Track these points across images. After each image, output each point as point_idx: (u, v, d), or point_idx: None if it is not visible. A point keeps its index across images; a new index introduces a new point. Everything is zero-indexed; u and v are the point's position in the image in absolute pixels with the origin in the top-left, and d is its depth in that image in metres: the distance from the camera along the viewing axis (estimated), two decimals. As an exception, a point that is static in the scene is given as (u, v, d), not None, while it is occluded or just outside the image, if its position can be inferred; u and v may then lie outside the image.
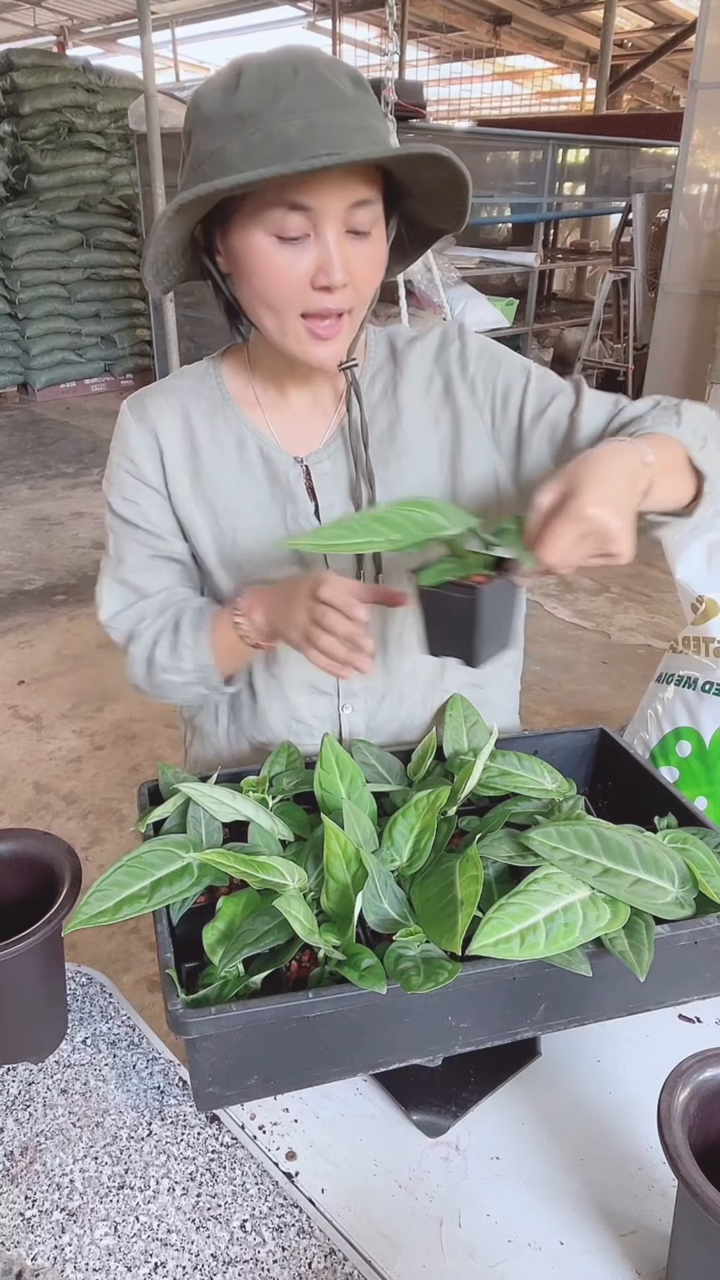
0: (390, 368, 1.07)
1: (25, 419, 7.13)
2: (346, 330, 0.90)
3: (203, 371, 1.08)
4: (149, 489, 1.05)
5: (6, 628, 3.92)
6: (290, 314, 0.87)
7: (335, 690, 1.10)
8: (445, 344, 1.06)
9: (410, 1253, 0.76)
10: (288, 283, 0.85)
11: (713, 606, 1.87)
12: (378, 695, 1.11)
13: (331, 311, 0.87)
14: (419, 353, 1.06)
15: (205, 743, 1.20)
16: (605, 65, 10.66)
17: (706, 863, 0.85)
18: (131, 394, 1.08)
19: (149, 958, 2.19)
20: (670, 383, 4.87)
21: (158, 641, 1.04)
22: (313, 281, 0.85)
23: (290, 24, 12.40)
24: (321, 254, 0.84)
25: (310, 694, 1.10)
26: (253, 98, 0.79)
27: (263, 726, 1.13)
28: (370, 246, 0.87)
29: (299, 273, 0.85)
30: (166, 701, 1.10)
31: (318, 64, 0.81)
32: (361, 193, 0.83)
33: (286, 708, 1.11)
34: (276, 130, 0.78)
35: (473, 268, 5.85)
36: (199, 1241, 0.77)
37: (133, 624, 1.07)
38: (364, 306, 0.91)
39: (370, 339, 1.09)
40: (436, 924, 0.77)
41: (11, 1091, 0.91)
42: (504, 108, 15.90)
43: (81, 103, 7.11)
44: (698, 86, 4.34)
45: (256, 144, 0.79)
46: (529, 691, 3.44)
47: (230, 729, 1.17)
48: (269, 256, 0.84)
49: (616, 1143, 0.86)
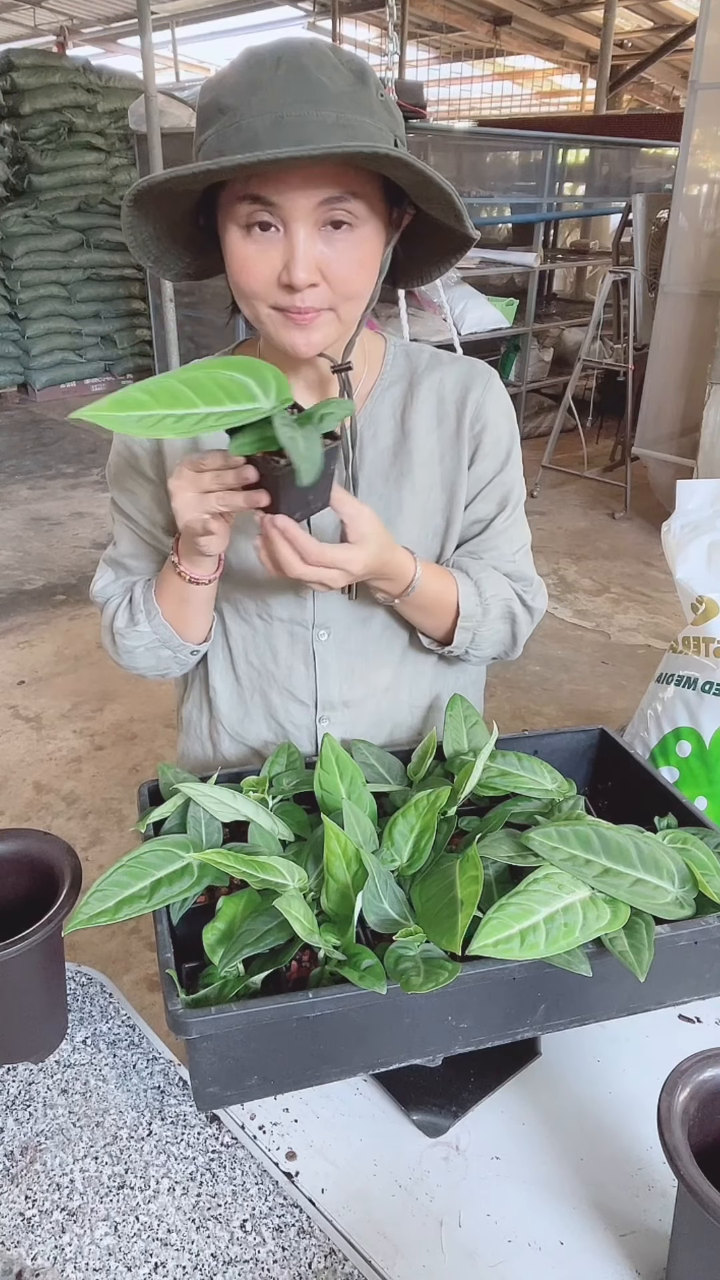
0: (404, 386, 1.05)
1: (25, 419, 7.13)
2: (328, 323, 0.87)
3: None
4: (145, 480, 1.06)
5: (6, 628, 3.92)
6: (261, 306, 0.87)
7: (313, 702, 1.10)
8: (469, 388, 1.05)
9: (410, 1253, 0.76)
10: (255, 276, 0.84)
11: (713, 606, 1.87)
12: (355, 708, 1.11)
13: (300, 309, 0.84)
14: (438, 384, 1.05)
15: (191, 736, 1.21)
16: (605, 65, 10.65)
17: (706, 863, 0.85)
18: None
19: (149, 958, 2.19)
20: (670, 383, 4.86)
21: (118, 610, 1.07)
22: (279, 278, 0.83)
23: (290, 24, 12.39)
24: (287, 251, 0.82)
25: (288, 699, 1.11)
26: (234, 89, 0.79)
27: (245, 726, 1.14)
28: (351, 246, 0.83)
29: (266, 268, 0.83)
30: (138, 671, 1.11)
31: (303, 56, 0.78)
32: (333, 189, 0.80)
33: (266, 707, 1.12)
34: (247, 124, 0.77)
35: (473, 268, 5.84)
36: (199, 1241, 0.77)
37: (108, 597, 1.11)
38: (350, 305, 0.87)
39: (389, 350, 1.07)
40: (436, 924, 0.77)
41: (11, 1091, 0.91)
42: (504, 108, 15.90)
43: (81, 103, 7.11)
44: (698, 86, 4.33)
45: (229, 137, 0.78)
46: (529, 692, 3.44)
47: (212, 725, 1.17)
48: (237, 249, 0.84)
49: (616, 1143, 0.86)
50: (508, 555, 1.09)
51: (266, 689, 1.11)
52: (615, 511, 5.30)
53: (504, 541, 1.09)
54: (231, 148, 0.77)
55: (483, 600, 1.04)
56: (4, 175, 7.02)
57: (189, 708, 1.21)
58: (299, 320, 0.86)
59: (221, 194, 0.84)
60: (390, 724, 1.15)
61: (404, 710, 1.15)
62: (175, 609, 1.02)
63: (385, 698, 1.13)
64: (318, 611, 1.06)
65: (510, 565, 1.09)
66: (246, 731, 1.15)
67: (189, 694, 1.21)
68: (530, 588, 1.10)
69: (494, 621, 1.05)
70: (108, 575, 1.13)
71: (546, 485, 5.63)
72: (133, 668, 1.10)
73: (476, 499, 1.08)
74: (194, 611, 1.03)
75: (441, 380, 1.05)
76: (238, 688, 1.13)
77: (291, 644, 1.08)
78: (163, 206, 0.84)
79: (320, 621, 1.06)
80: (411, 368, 1.06)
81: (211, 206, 0.87)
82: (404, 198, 0.87)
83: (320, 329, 0.87)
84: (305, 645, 1.08)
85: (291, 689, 1.10)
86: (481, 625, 1.04)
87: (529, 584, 1.10)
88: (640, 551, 4.78)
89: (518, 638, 1.10)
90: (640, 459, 5.11)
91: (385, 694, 1.12)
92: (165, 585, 1.01)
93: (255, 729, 1.14)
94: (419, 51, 14.04)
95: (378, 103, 0.81)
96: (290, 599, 1.06)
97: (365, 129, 0.79)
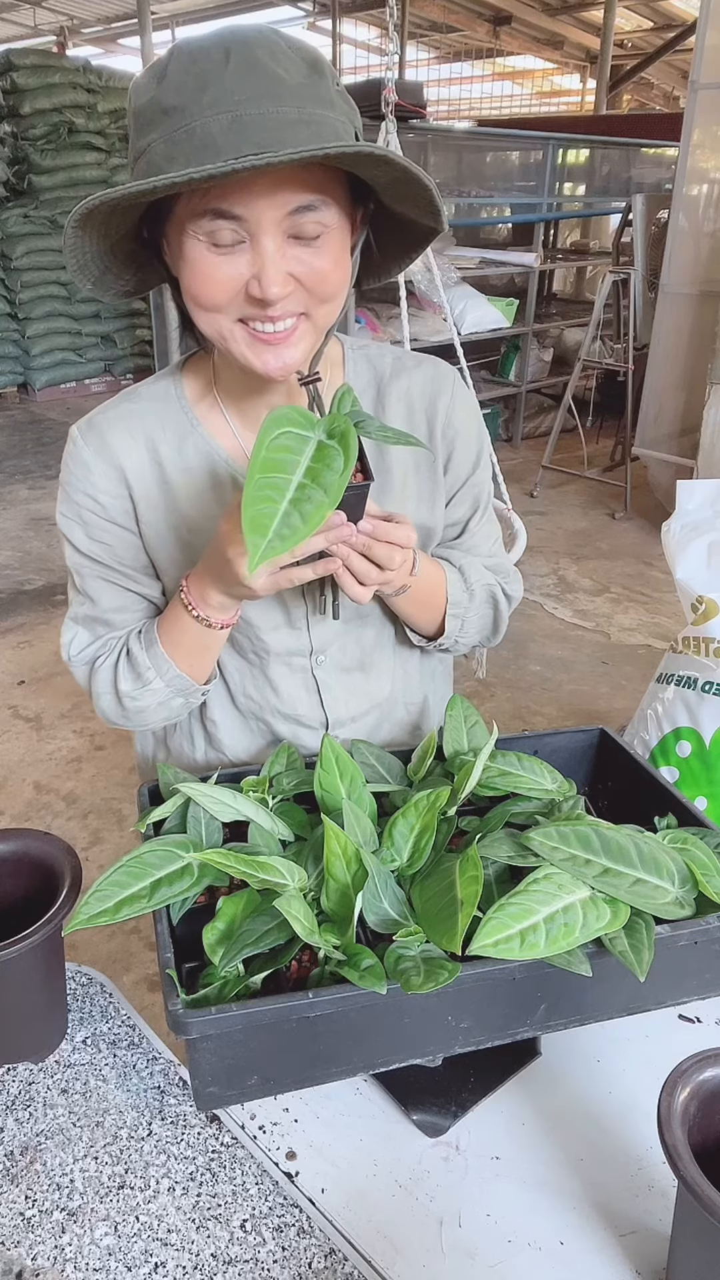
0: (372, 395, 1.01)
1: (25, 419, 7.13)
2: (302, 335, 0.82)
3: (164, 391, 0.98)
4: (119, 528, 0.97)
5: (6, 628, 3.92)
6: (224, 320, 0.80)
7: (322, 725, 1.09)
8: (437, 394, 1.01)
9: (410, 1253, 0.76)
10: (219, 289, 0.77)
11: (713, 606, 1.87)
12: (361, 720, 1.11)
13: (272, 318, 0.79)
14: (406, 393, 1.01)
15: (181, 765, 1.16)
16: (605, 65, 10.67)
17: (706, 863, 0.85)
18: (83, 419, 0.97)
19: (149, 958, 2.19)
20: (670, 383, 4.87)
21: (118, 673, 0.99)
22: (248, 291, 0.77)
23: (290, 24, 12.40)
24: (256, 264, 0.75)
25: (295, 725, 1.09)
26: (179, 88, 0.71)
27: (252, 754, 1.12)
28: (322, 251, 0.77)
29: (231, 278, 0.77)
30: (149, 728, 1.05)
31: (255, 47, 0.71)
32: (302, 196, 0.74)
33: (273, 735, 1.10)
34: (199, 126, 0.69)
35: (473, 268, 5.85)
36: (199, 1241, 0.77)
37: (92, 658, 1.02)
38: (326, 309, 0.82)
39: (347, 357, 1.01)
40: (436, 924, 0.77)
41: (11, 1091, 0.91)
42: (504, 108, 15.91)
43: (82, 103, 7.11)
44: (698, 86, 4.33)
45: (180, 142, 0.70)
46: (529, 692, 3.44)
47: (210, 755, 1.13)
48: (198, 264, 0.76)
49: (616, 1143, 0.86)
50: (486, 552, 1.11)
51: (271, 720, 1.09)
52: (615, 511, 5.30)
53: (481, 539, 1.11)
54: (184, 153, 0.70)
55: (468, 586, 1.05)
56: (4, 175, 7.02)
57: (178, 738, 1.14)
58: (270, 339, 0.80)
59: (177, 205, 0.76)
60: (389, 724, 1.16)
61: (400, 709, 1.16)
62: (194, 657, 0.96)
63: (386, 704, 1.13)
64: (314, 638, 1.04)
65: (490, 560, 1.11)
66: (254, 759, 1.12)
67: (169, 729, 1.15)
68: (509, 578, 1.12)
69: (479, 606, 1.07)
70: (83, 636, 1.03)
71: (546, 485, 5.63)
72: (142, 726, 1.03)
73: (452, 503, 1.07)
74: (204, 653, 0.97)
75: (409, 389, 1.01)
76: (240, 718, 1.10)
77: (290, 675, 1.06)
78: (109, 223, 0.76)
79: (318, 647, 1.04)
80: (376, 375, 1.01)
81: (157, 217, 0.79)
82: (368, 194, 0.82)
83: (297, 344, 0.82)
84: (305, 673, 1.06)
85: (298, 717, 1.08)
86: (469, 611, 1.05)
87: (507, 575, 1.12)
88: (640, 551, 4.78)
89: (499, 623, 1.11)
90: (640, 459, 5.11)
91: (386, 700, 1.13)
92: (179, 634, 0.94)
93: (262, 754, 1.11)
94: (419, 51, 14.05)
95: (335, 93, 0.75)
96: (285, 632, 1.03)
97: (329, 124, 0.73)
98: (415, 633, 1.08)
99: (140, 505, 0.97)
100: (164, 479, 0.96)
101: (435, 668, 1.21)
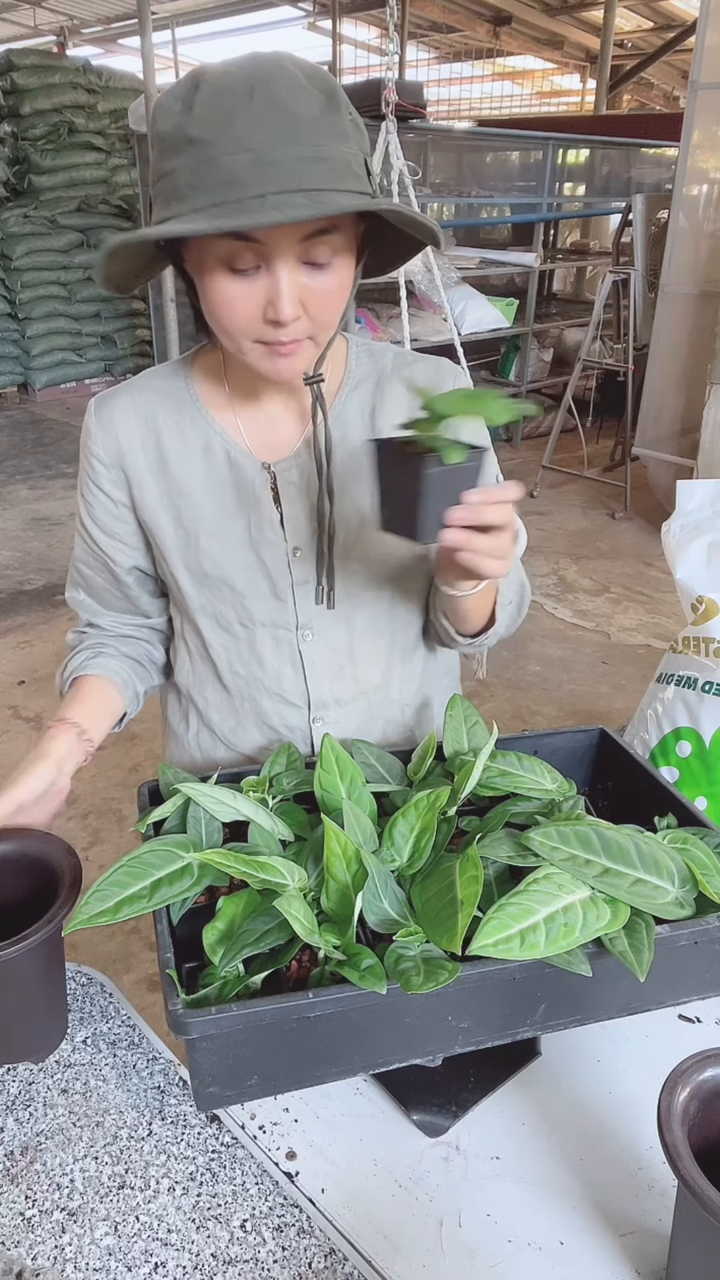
0: (371, 386, 1.05)
1: (25, 419, 7.14)
2: (309, 350, 0.89)
3: (172, 373, 1.06)
4: (103, 494, 1.06)
5: (6, 628, 3.92)
6: (243, 340, 0.87)
7: (305, 703, 1.10)
8: (439, 386, 1.04)
9: (410, 1253, 0.76)
10: (239, 315, 0.84)
11: (713, 606, 1.87)
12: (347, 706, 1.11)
13: (284, 340, 0.86)
14: (409, 382, 1.03)
15: (178, 745, 1.20)
16: (605, 65, 10.66)
17: (706, 863, 0.85)
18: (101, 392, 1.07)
19: (149, 958, 2.19)
20: (670, 383, 4.87)
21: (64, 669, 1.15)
22: (264, 314, 0.84)
23: (290, 24, 12.39)
24: (272, 289, 0.82)
25: (279, 703, 1.10)
26: (205, 121, 0.77)
27: (238, 734, 1.14)
28: (330, 277, 0.85)
29: (251, 305, 0.84)
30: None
31: (276, 84, 0.77)
32: (317, 223, 0.81)
33: (258, 713, 1.12)
34: (225, 163, 0.76)
35: (473, 268, 5.85)
36: (199, 1241, 0.77)
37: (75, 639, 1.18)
38: (327, 330, 0.89)
39: (351, 351, 1.06)
40: (436, 924, 0.77)
41: (11, 1091, 0.91)
42: (504, 108, 15.89)
43: (82, 103, 7.12)
44: (698, 86, 4.33)
45: (204, 173, 0.77)
46: (529, 692, 3.44)
47: (201, 734, 1.17)
48: (220, 287, 0.83)
49: (616, 1143, 0.86)
50: None
51: (257, 696, 1.11)
52: (615, 511, 5.30)
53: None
54: (208, 185, 0.76)
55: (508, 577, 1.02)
56: (4, 175, 7.03)
57: (174, 717, 1.21)
58: (282, 351, 0.87)
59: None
60: (382, 721, 1.15)
61: (395, 708, 1.16)
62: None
63: (375, 695, 1.13)
64: (299, 612, 1.05)
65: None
66: (240, 740, 1.14)
67: (169, 704, 1.22)
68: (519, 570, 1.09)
69: (514, 596, 1.04)
70: (73, 584, 1.17)
71: (546, 485, 5.63)
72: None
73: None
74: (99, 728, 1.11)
75: (412, 378, 1.04)
76: (228, 697, 1.13)
77: (276, 648, 1.07)
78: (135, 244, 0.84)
79: (303, 622, 1.06)
80: (378, 368, 1.06)
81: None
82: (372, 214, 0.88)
83: (302, 356, 0.89)
84: (291, 647, 1.07)
85: (282, 693, 1.10)
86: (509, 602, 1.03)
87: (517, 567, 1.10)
88: (640, 551, 4.78)
89: (522, 610, 1.08)
90: (640, 459, 5.11)
91: (375, 691, 1.13)
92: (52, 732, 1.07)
93: (249, 736, 1.14)
94: (419, 51, 14.04)
95: (348, 123, 0.81)
96: (270, 603, 1.05)
97: (341, 159, 0.79)
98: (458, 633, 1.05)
99: (133, 471, 1.04)
100: (160, 448, 1.03)
101: (441, 669, 1.21)
